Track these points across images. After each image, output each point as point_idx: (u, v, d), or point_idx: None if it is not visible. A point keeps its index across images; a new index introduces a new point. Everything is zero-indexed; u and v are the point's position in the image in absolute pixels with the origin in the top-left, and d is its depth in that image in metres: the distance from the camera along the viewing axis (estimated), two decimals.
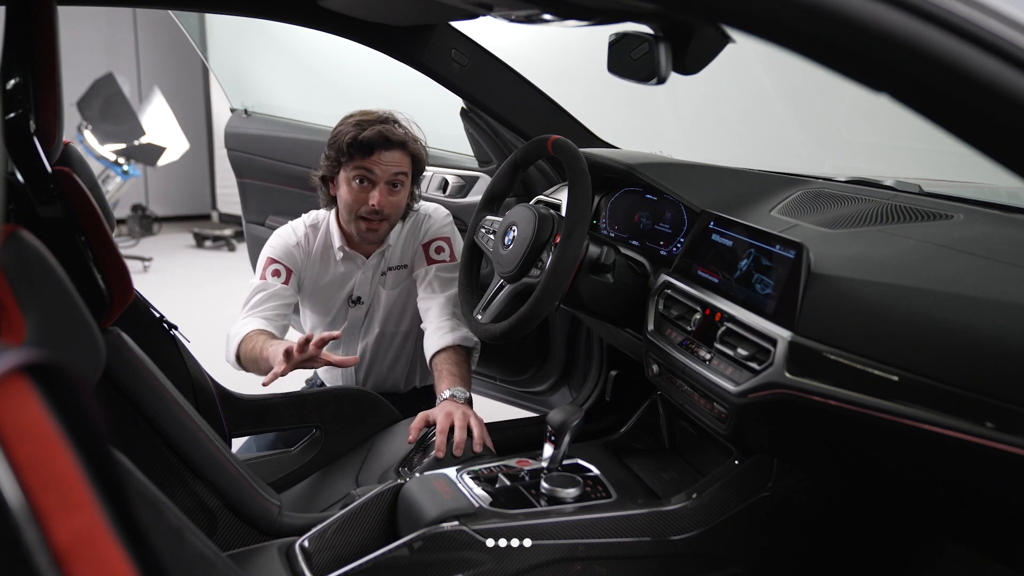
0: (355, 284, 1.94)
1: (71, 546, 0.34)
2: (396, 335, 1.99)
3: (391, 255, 1.93)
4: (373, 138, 1.76)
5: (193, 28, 2.96)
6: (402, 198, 1.84)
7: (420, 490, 1.27)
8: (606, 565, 1.24)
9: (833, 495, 1.33)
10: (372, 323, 1.97)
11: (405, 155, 1.81)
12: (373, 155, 1.77)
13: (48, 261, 0.79)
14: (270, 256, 1.91)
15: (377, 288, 1.95)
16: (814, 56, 0.67)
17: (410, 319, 1.98)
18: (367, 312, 1.97)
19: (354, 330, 1.98)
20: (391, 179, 1.80)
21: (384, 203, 1.80)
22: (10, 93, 1.01)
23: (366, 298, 1.96)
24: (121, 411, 1.23)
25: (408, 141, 1.81)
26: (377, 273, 1.94)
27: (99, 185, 1.54)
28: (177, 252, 6.46)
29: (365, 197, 1.80)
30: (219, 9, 2.12)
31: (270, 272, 1.89)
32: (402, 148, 1.80)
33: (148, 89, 5.98)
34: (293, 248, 1.92)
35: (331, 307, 1.97)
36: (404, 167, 1.81)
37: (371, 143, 1.76)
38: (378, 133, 1.76)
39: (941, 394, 0.92)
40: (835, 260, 1.12)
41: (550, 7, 1.10)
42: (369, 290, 1.95)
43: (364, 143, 1.76)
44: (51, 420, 0.36)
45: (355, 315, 1.97)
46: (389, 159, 1.78)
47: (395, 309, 1.96)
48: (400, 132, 1.80)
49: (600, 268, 1.45)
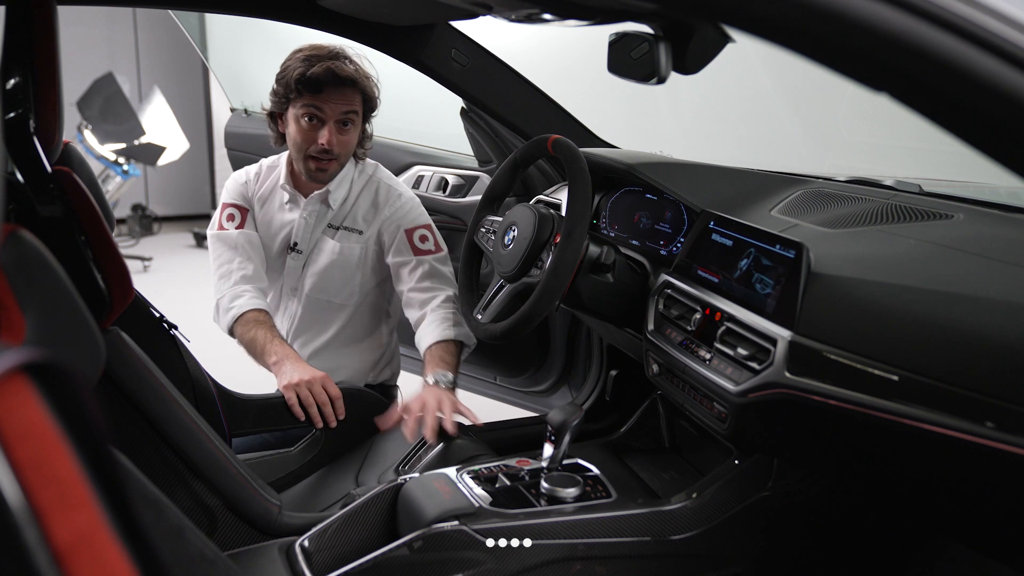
0: (294, 228, 1.86)
1: (71, 546, 0.34)
2: (328, 305, 1.89)
3: (344, 212, 1.86)
4: (322, 75, 1.68)
5: (193, 28, 2.96)
6: (352, 137, 1.78)
7: (420, 490, 1.27)
8: (606, 565, 1.24)
9: (833, 495, 1.33)
10: (306, 279, 1.88)
11: (355, 92, 1.73)
12: (322, 93, 1.70)
13: (48, 261, 0.78)
14: (224, 201, 1.89)
15: (319, 240, 1.87)
16: (814, 56, 0.67)
17: (348, 293, 1.88)
18: (304, 266, 1.88)
19: (292, 283, 1.90)
20: (341, 118, 1.73)
21: (334, 142, 1.73)
22: (10, 93, 1.01)
23: (304, 247, 1.87)
24: (121, 411, 1.23)
25: (359, 79, 1.73)
26: (321, 222, 1.86)
27: (99, 185, 1.54)
28: (177, 252, 6.46)
29: (314, 136, 1.73)
30: (219, 9, 2.12)
31: (225, 217, 1.87)
32: (352, 85, 1.72)
33: (148, 89, 5.98)
34: (242, 187, 1.89)
35: (270, 252, 1.90)
36: (355, 105, 1.74)
37: (319, 80, 1.68)
38: (327, 70, 1.68)
39: (941, 394, 0.92)
40: (835, 260, 1.12)
41: (550, 7, 1.10)
42: (309, 239, 1.87)
43: (312, 80, 1.68)
44: (51, 420, 0.36)
45: (293, 265, 1.89)
46: (339, 97, 1.71)
47: (334, 272, 1.86)
48: (350, 69, 1.72)
49: (600, 268, 1.45)
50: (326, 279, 1.87)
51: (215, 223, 1.89)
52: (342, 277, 1.87)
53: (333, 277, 1.87)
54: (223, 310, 1.80)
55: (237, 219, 1.86)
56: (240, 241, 1.85)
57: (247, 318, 1.77)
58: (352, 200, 1.87)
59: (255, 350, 1.75)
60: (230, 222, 1.86)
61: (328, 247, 1.86)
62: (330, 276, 1.87)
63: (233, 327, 1.79)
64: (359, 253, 1.86)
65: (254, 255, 1.85)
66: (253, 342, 1.74)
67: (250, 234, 1.86)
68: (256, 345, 1.74)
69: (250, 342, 1.75)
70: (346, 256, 1.85)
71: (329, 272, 1.86)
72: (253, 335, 1.75)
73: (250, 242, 1.86)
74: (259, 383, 1.81)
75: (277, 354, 1.71)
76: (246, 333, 1.76)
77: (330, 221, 1.87)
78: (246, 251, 1.84)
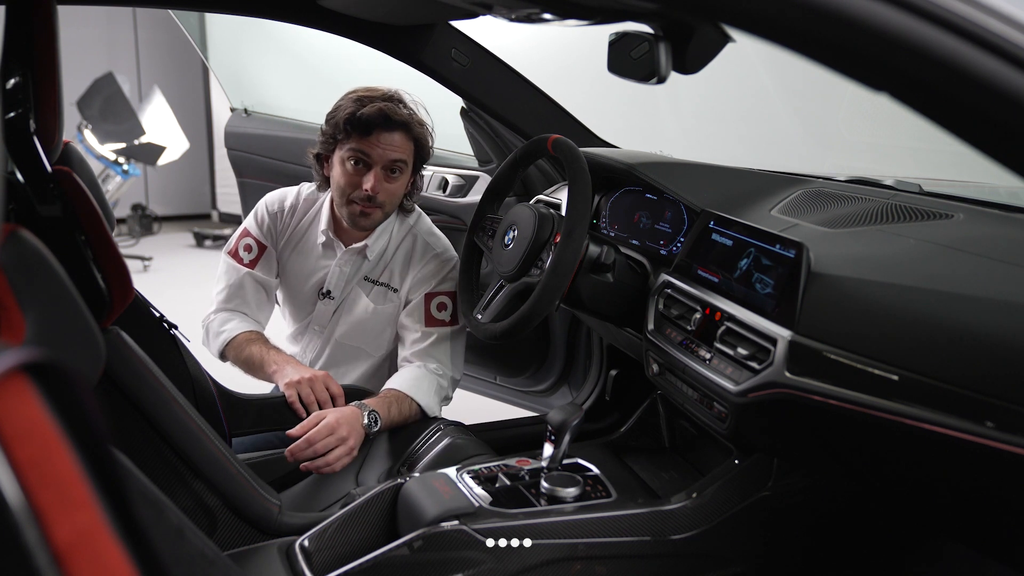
0: (327, 275, 1.81)
1: (71, 545, 0.34)
2: (358, 352, 1.85)
3: (382, 265, 1.80)
4: (373, 116, 1.61)
5: (193, 28, 2.96)
6: (399, 186, 1.70)
7: (420, 490, 1.27)
8: (606, 564, 1.24)
9: (833, 495, 1.33)
10: (337, 325, 1.83)
11: (407, 139, 1.66)
12: (371, 135, 1.62)
13: (48, 260, 0.79)
14: (247, 226, 1.83)
15: (353, 291, 1.81)
16: (814, 55, 0.67)
17: (378, 345, 1.84)
18: (335, 312, 1.83)
19: (320, 323, 1.85)
20: (389, 164, 1.65)
21: (379, 189, 1.65)
22: (10, 92, 1.01)
23: (336, 294, 1.81)
24: (121, 411, 1.23)
25: (412, 124, 1.66)
26: (354, 273, 1.80)
27: (99, 184, 1.54)
28: (177, 252, 6.46)
29: (359, 180, 1.65)
30: (219, 9, 2.12)
31: (243, 247, 1.81)
32: (404, 130, 1.64)
33: (148, 88, 5.98)
34: (273, 218, 1.81)
35: (300, 292, 1.85)
36: (404, 153, 1.66)
37: (370, 121, 1.61)
38: (379, 111, 1.61)
39: (941, 393, 0.92)
40: (835, 259, 1.12)
41: (550, 6, 1.10)
42: (341, 287, 1.81)
43: (362, 120, 1.61)
44: (51, 419, 0.36)
45: (323, 309, 1.83)
46: (388, 141, 1.63)
47: (366, 325, 1.81)
48: (404, 113, 1.64)
49: (600, 267, 1.45)
50: (358, 330, 1.82)
51: (231, 243, 1.84)
52: (374, 330, 1.82)
53: (365, 329, 1.82)
54: (213, 334, 1.78)
55: (253, 254, 1.80)
56: (245, 281, 1.80)
57: (239, 340, 1.74)
58: (391, 253, 1.80)
59: (253, 365, 1.72)
60: (246, 253, 1.80)
61: (363, 302, 1.80)
62: (362, 328, 1.82)
63: (224, 350, 1.76)
64: (392, 311, 1.80)
65: (254, 298, 1.81)
66: (251, 358, 1.71)
67: (258, 276, 1.80)
68: (254, 360, 1.71)
69: (247, 359, 1.72)
70: (379, 314, 1.80)
71: (362, 324, 1.81)
72: (249, 352, 1.72)
73: (255, 283, 1.81)
74: (259, 383, 1.81)
75: (277, 363, 1.69)
76: (241, 353, 1.73)
77: (366, 274, 1.80)
78: (248, 292, 1.81)
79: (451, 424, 1.65)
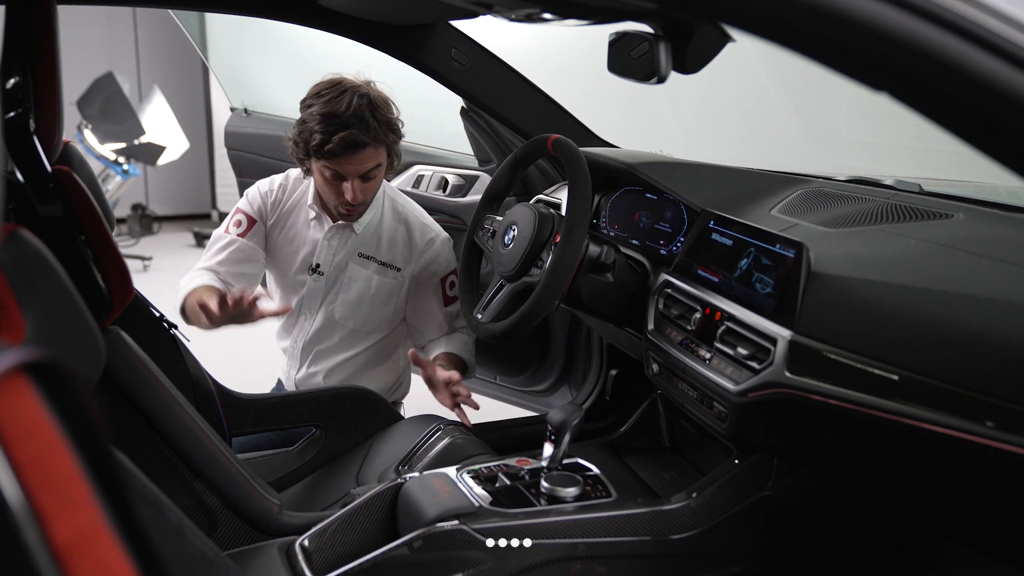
0: (316, 250, 1.83)
1: (71, 545, 0.34)
2: (355, 332, 1.87)
3: (374, 242, 1.83)
4: (338, 149, 1.63)
5: (193, 28, 2.96)
6: (377, 182, 1.76)
7: (420, 489, 1.27)
8: (606, 564, 1.24)
9: (833, 495, 1.33)
10: (335, 304, 1.84)
11: (378, 148, 1.69)
12: (341, 158, 1.66)
13: (48, 260, 0.79)
14: (239, 206, 1.86)
15: (350, 268, 1.83)
16: (814, 55, 0.67)
17: (377, 324, 1.86)
18: (325, 287, 1.85)
19: (311, 303, 1.86)
20: (364, 174, 1.70)
21: (358, 196, 1.71)
22: (10, 92, 1.01)
23: (326, 270, 1.83)
24: (121, 411, 1.23)
25: (380, 134, 1.67)
26: (342, 247, 1.83)
27: (99, 184, 1.53)
28: (177, 251, 6.46)
29: (338, 190, 1.71)
30: (219, 9, 2.12)
31: (233, 223, 1.84)
32: (374, 143, 1.67)
33: (148, 88, 5.97)
34: (263, 197, 1.85)
35: (289, 268, 1.86)
36: (377, 159, 1.70)
37: (335, 153, 1.64)
38: (345, 143, 1.63)
39: (941, 393, 0.92)
40: (835, 259, 1.12)
41: (550, 6, 1.10)
42: (331, 262, 1.83)
43: (331, 152, 1.64)
44: (51, 419, 0.36)
45: (313, 287, 1.85)
46: (359, 159, 1.67)
47: (365, 303, 1.84)
48: (370, 133, 1.65)
49: (600, 267, 1.45)
50: (357, 309, 1.85)
51: (223, 225, 1.86)
52: (373, 308, 1.86)
53: (364, 307, 1.85)
54: (181, 291, 1.76)
55: (243, 227, 1.83)
56: (238, 247, 1.81)
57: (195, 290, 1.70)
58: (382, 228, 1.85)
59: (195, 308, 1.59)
60: (236, 228, 1.83)
61: (363, 277, 1.84)
62: (361, 306, 1.85)
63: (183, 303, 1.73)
64: (395, 289, 1.85)
65: (242, 265, 1.81)
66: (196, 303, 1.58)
67: (247, 244, 1.82)
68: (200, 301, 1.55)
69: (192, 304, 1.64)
70: (381, 291, 1.84)
71: (361, 302, 1.85)
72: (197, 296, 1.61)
73: (242, 250, 1.81)
74: (259, 383, 1.81)
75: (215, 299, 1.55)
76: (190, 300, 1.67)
77: (360, 250, 1.84)
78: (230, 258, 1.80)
79: (451, 424, 1.65)
